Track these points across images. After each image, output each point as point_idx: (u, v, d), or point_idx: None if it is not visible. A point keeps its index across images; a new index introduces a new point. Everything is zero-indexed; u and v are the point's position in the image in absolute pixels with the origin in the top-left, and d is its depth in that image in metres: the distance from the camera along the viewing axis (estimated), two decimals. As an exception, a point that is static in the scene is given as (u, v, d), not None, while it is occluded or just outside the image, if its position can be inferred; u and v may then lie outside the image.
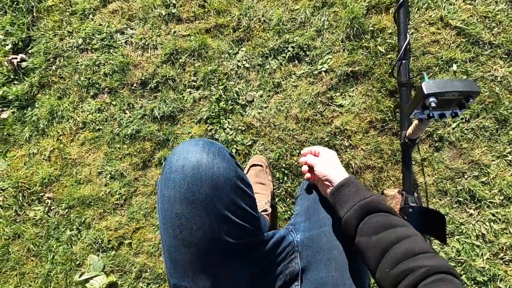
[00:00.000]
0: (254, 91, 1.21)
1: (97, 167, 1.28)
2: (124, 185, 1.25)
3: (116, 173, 1.26)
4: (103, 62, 1.31)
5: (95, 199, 1.26)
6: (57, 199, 1.29)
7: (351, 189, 0.64)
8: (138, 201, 1.25)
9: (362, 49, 1.16)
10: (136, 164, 1.26)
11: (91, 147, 1.30)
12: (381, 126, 1.14)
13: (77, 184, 1.28)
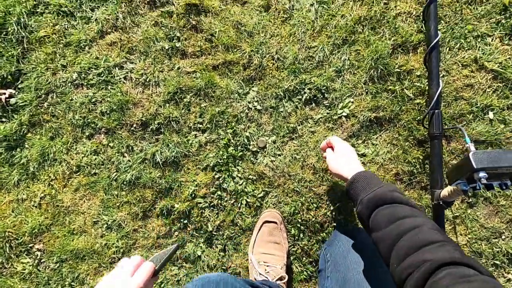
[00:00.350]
0: (267, 136, 1.10)
1: (92, 216, 1.16)
2: (122, 237, 1.14)
3: (113, 223, 1.14)
4: (100, 100, 1.19)
5: (90, 252, 1.14)
6: (47, 251, 1.17)
7: (361, 184, 0.65)
8: (137, 255, 1.13)
9: (387, 92, 1.05)
10: (135, 213, 1.14)
11: (86, 194, 1.18)
12: (408, 179, 1.03)
13: (70, 235, 1.16)
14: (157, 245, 1.13)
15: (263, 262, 0.98)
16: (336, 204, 1.04)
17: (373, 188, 0.64)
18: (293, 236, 1.06)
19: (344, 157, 0.77)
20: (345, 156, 0.77)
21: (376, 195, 0.62)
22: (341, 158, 0.77)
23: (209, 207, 1.11)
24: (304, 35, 1.09)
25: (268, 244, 1.01)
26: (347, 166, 0.74)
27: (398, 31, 1.04)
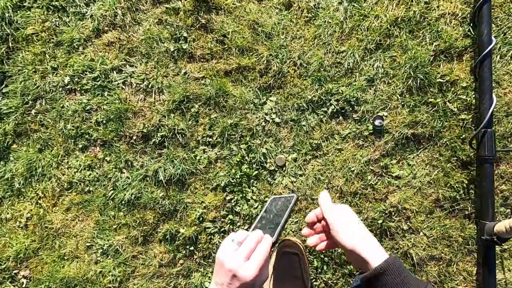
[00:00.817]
0: (286, 153, 0.96)
1: (86, 239, 1.02)
2: (119, 264, 1.00)
3: (109, 248, 1.01)
4: (95, 107, 1.05)
5: (83, 280, 1.01)
6: (34, 278, 1.03)
7: (395, 279, 0.49)
8: (137, 285, 1.00)
9: (427, 106, 0.91)
10: (134, 238, 1.00)
11: (79, 214, 1.04)
12: (450, 206, 0.89)
13: (60, 261, 1.03)
14: (159, 274, 0.99)
15: (283, 301, 0.84)
16: (366, 234, 0.90)
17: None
18: (316, 268, 0.92)
19: (358, 228, 0.55)
20: (358, 228, 0.55)
21: None
22: (354, 230, 0.54)
23: (219, 232, 0.97)
24: (331, 38, 0.95)
25: (288, 277, 0.87)
26: (368, 241, 0.53)
27: (441, 35, 0.90)
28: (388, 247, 0.90)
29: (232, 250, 0.50)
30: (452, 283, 0.88)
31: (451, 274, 0.89)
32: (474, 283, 0.88)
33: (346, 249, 0.53)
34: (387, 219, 0.90)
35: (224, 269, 0.48)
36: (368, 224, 0.90)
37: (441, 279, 0.89)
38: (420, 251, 0.88)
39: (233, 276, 0.48)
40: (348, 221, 0.55)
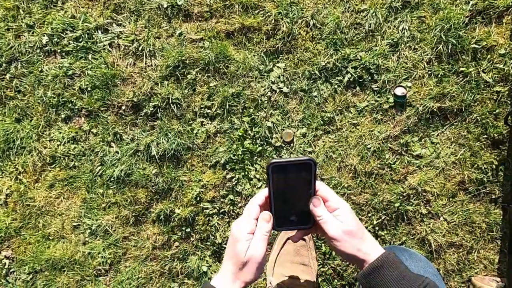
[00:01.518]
0: (294, 127, 0.85)
1: (72, 218, 0.94)
2: (109, 246, 0.92)
3: (98, 229, 0.92)
4: (78, 73, 0.92)
5: (70, 262, 0.93)
6: (17, 259, 0.95)
7: (392, 273, 0.49)
8: (128, 267, 0.92)
9: (457, 75, 0.80)
10: (125, 218, 0.92)
11: (64, 191, 0.94)
12: (475, 190, 0.80)
13: (45, 241, 0.94)
14: (152, 257, 0.92)
15: (287, 289, 0.77)
16: (380, 217, 0.82)
17: (417, 285, 0.47)
18: (324, 254, 0.85)
19: (355, 219, 0.53)
20: (355, 220, 0.52)
21: None
22: (350, 217, 0.52)
23: (218, 214, 0.89)
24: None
25: (294, 266, 0.80)
26: (366, 235, 0.52)
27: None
28: (403, 233, 0.82)
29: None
30: (471, 271, 0.81)
31: (471, 262, 0.81)
32: (495, 272, 0.81)
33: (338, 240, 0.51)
34: (404, 202, 0.81)
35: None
36: (383, 207, 0.82)
37: (460, 267, 0.81)
38: (439, 237, 0.80)
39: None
40: (349, 213, 0.52)
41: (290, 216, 0.54)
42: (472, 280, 0.80)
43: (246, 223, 0.50)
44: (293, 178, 0.50)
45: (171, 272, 0.90)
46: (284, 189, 0.51)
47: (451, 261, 0.81)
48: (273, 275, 0.81)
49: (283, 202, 0.52)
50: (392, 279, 0.48)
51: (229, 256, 0.51)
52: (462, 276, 0.81)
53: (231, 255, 0.50)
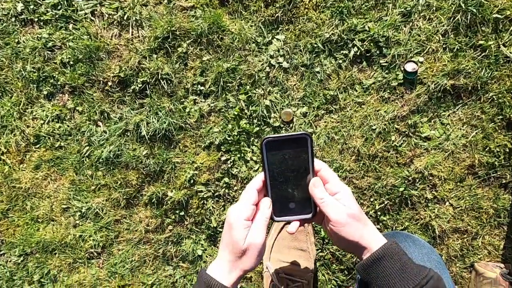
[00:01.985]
0: (294, 106, 0.79)
1: (61, 201, 0.90)
2: (100, 228, 0.89)
3: (88, 211, 0.89)
4: (59, 45, 0.84)
5: (61, 245, 0.90)
6: (6, 242, 0.92)
7: (394, 265, 0.46)
8: (121, 250, 0.89)
9: (474, 50, 0.72)
10: (116, 200, 0.88)
11: (50, 172, 0.90)
12: (485, 174, 0.76)
13: (34, 223, 0.91)
14: (145, 240, 0.89)
15: (285, 274, 0.75)
16: (383, 202, 0.78)
17: (420, 277, 0.44)
18: (322, 239, 0.82)
19: (357, 204, 0.49)
20: (357, 204, 0.49)
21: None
22: (353, 201, 0.48)
23: (213, 197, 0.85)
24: (360, -46, 0.72)
25: (291, 251, 0.77)
26: (369, 224, 0.49)
27: (508, -48, 0.68)
28: (406, 218, 0.78)
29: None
30: (475, 257, 0.79)
31: (475, 248, 0.78)
32: (499, 258, 0.78)
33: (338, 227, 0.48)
34: (409, 186, 0.77)
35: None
36: (386, 191, 0.77)
37: (463, 253, 0.79)
38: (444, 223, 0.77)
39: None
40: (352, 200, 0.49)
41: (289, 203, 0.49)
42: (475, 266, 0.77)
43: (243, 209, 0.47)
44: (289, 157, 0.46)
45: (165, 255, 0.88)
46: (280, 169, 0.47)
47: (455, 247, 0.78)
48: (270, 260, 0.78)
49: (281, 185, 0.48)
50: (393, 271, 0.46)
51: (226, 244, 0.48)
52: (464, 262, 0.79)
53: (228, 242, 0.47)
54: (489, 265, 0.76)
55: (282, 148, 0.45)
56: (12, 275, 0.92)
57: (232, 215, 0.47)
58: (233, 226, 0.47)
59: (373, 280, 0.47)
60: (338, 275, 0.82)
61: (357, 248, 0.48)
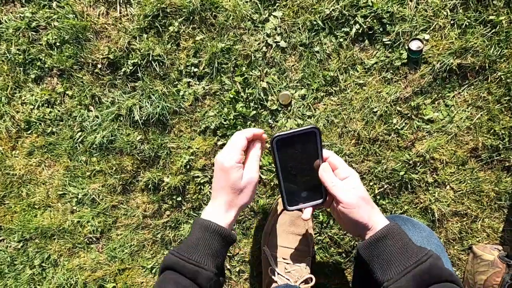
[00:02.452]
0: (292, 88, 0.76)
1: (57, 187, 0.89)
2: (98, 214, 0.88)
3: (84, 198, 0.88)
4: (44, 25, 0.80)
5: (60, 230, 0.90)
6: (5, 228, 0.92)
7: (396, 244, 0.48)
8: (120, 235, 0.90)
9: (484, 26, 0.68)
10: (112, 186, 0.87)
11: (44, 159, 0.88)
12: (488, 157, 0.74)
13: (31, 210, 0.91)
14: (144, 225, 0.89)
15: (282, 259, 0.75)
16: (382, 186, 0.77)
17: (420, 255, 0.46)
18: (321, 223, 0.81)
19: (364, 189, 0.52)
20: (364, 189, 0.52)
21: (433, 267, 0.45)
22: (362, 191, 0.51)
23: (210, 182, 0.83)
24: None
25: (289, 236, 0.76)
26: (375, 208, 0.52)
27: None
28: (406, 202, 0.77)
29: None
30: (473, 240, 0.78)
31: (474, 230, 0.78)
32: (498, 240, 0.78)
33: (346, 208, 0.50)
34: (410, 170, 0.75)
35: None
36: (386, 175, 0.76)
37: (462, 236, 0.78)
38: (444, 206, 0.76)
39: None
40: (358, 182, 0.52)
41: (301, 193, 0.52)
42: (473, 248, 0.77)
43: (234, 154, 0.50)
44: (299, 150, 0.48)
45: (163, 240, 0.88)
46: (291, 163, 0.49)
47: (453, 230, 0.78)
48: (267, 245, 0.78)
49: (293, 178, 0.50)
50: (395, 250, 0.47)
51: (222, 187, 0.51)
52: (463, 244, 0.79)
53: (224, 185, 0.51)
54: (487, 248, 0.76)
55: (292, 143, 0.48)
56: (13, 260, 0.93)
57: (225, 160, 0.50)
58: (229, 170, 0.50)
59: (374, 258, 0.49)
60: (336, 258, 0.83)
61: (363, 229, 0.50)
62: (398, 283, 0.45)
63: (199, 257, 0.48)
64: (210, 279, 0.48)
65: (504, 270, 0.72)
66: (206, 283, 0.47)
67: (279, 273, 0.73)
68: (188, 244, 0.50)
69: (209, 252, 0.49)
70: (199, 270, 0.47)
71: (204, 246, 0.49)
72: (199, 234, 0.49)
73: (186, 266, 0.47)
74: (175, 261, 0.48)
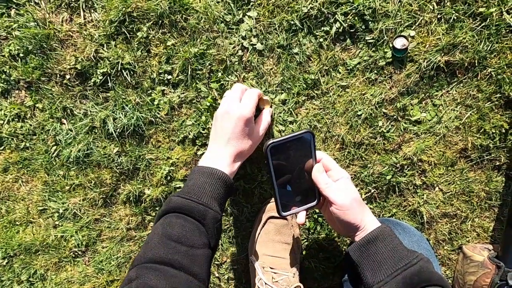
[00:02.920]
0: (272, 93, 0.72)
1: (36, 203, 0.86)
2: (81, 228, 0.86)
3: (66, 212, 0.86)
4: (4, 34, 0.75)
5: (44, 246, 0.88)
6: (-12, 245, 0.91)
7: (387, 246, 0.48)
8: (106, 248, 0.88)
9: (473, 19, 0.63)
10: (93, 200, 0.84)
11: (20, 175, 0.85)
12: (478, 157, 0.71)
13: (12, 226, 0.88)
14: (128, 238, 0.87)
15: (270, 268, 0.73)
16: (369, 191, 0.74)
17: (410, 258, 0.46)
18: (308, 229, 0.79)
19: (356, 191, 0.54)
20: (356, 191, 0.54)
21: (423, 270, 0.45)
22: (353, 186, 0.53)
23: (192, 192, 0.80)
24: None
25: (275, 245, 0.75)
26: (366, 209, 0.53)
27: None
28: (394, 205, 0.75)
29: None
30: (463, 240, 0.77)
31: (463, 231, 0.76)
32: (488, 239, 0.77)
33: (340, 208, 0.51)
34: (397, 173, 0.73)
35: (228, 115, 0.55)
36: (373, 180, 0.73)
37: (451, 237, 0.77)
38: (433, 208, 0.74)
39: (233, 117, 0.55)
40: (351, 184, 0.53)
41: (295, 197, 0.52)
42: (463, 248, 0.76)
43: (252, 107, 0.56)
44: (294, 155, 0.48)
45: (150, 251, 0.86)
46: (286, 170, 0.49)
47: (443, 231, 0.76)
48: (254, 255, 0.76)
49: (287, 183, 0.50)
50: (385, 251, 0.48)
51: (237, 136, 0.54)
52: (453, 245, 0.77)
53: (239, 134, 0.54)
54: (477, 248, 0.75)
55: (286, 149, 0.47)
56: (0, 276, 0.92)
57: (245, 111, 0.54)
58: (250, 120, 0.55)
59: (364, 260, 0.49)
60: (324, 263, 0.81)
61: (354, 230, 0.50)
62: (388, 285, 0.45)
63: (207, 199, 0.49)
64: (217, 221, 0.49)
65: (493, 271, 0.71)
66: (212, 224, 0.48)
67: (266, 283, 0.72)
68: (192, 188, 0.50)
69: (215, 196, 0.50)
70: (207, 210, 0.48)
71: (211, 190, 0.50)
72: (205, 179, 0.50)
73: (196, 207, 0.48)
74: (184, 203, 0.48)
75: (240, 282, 0.85)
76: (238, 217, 0.80)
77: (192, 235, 0.46)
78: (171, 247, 0.44)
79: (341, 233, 0.66)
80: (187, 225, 0.46)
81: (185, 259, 0.44)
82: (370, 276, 0.48)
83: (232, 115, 0.54)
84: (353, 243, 0.51)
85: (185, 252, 0.44)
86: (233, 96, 0.57)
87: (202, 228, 0.47)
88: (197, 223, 0.47)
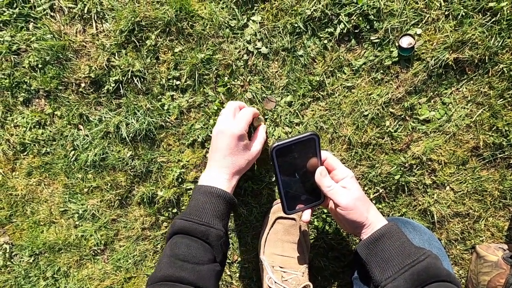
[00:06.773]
0: (277, 95, 0.72)
1: (58, 204, 0.91)
2: (99, 228, 0.91)
3: (85, 213, 0.90)
4: (24, 47, 0.79)
5: (66, 244, 0.94)
6: (16, 244, 0.97)
7: (394, 243, 0.48)
8: (123, 246, 0.92)
9: (483, 15, 0.62)
10: (109, 201, 0.88)
11: (43, 178, 0.90)
12: (490, 155, 0.69)
13: (37, 226, 0.94)
14: (143, 237, 0.91)
15: (279, 267, 0.75)
16: (377, 191, 0.74)
17: (418, 255, 0.46)
18: (316, 228, 0.80)
19: (360, 187, 0.54)
20: (360, 187, 0.54)
21: (430, 267, 0.45)
22: (360, 192, 0.53)
23: (203, 194, 0.83)
24: None
25: (284, 244, 0.76)
26: (372, 207, 0.54)
27: None
28: (403, 204, 0.75)
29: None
30: (476, 240, 0.75)
31: (477, 230, 0.75)
32: (503, 239, 0.75)
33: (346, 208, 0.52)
34: (406, 173, 0.72)
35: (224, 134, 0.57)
36: (381, 180, 0.73)
37: (464, 236, 0.75)
38: (444, 208, 0.73)
39: (227, 135, 0.56)
40: (356, 184, 0.54)
41: (301, 196, 0.53)
42: (476, 248, 0.74)
43: (244, 124, 0.57)
44: (299, 157, 0.49)
45: (164, 250, 0.90)
46: (291, 171, 0.50)
47: (455, 231, 0.75)
48: (264, 254, 0.78)
49: (292, 183, 0.51)
50: (393, 248, 0.48)
51: (231, 152, 0.55)
52: (465, 245, 0.76)
53: (234, 151, 0.56)
54: (491, 247, 0.73)
55: (292, 151, 0.48)
56: (27, 273, 0.98)
57: (240, 129, 0.56)
58: (244, 136, 0.56)
59: (372, 257, 0.49)
60: (334, 262, 0.82)
61: (360, 228, 0.51)
62: (396, 281, 0.45)
63: (208, 218, 0.51)
64: (220, 238, 0.52)
65: (508, 271, 0.69)
66: (216, 241, 0.51)
67: (276, 282, 0.73)
68: (194, 208, 0.53)
69: (216, 214, 0.52)
70: (209, 230, 0.51)
71: (211, 208, 0.52)
72: (205, 198, 0.53)
73: (197, 227, 0.50)
74: (186, 225, 0.51)
75: (251, 280, 0.87)
76: (247, 217, 0.82)
77: (197, 253, 0.49)
78: (178, 266, 0.48)
79: (348, 231, 0.67)
80: (192, 244, 0.49)
81: (192, 275, 0.47)
82: (378, 273, 0.48)
83: (225, 133, 0.56)
84: (361, 241, 0.52)
85: (191, 269, 0.48)
86: (226, 114, 0.59)
87: (207, 246, 0.50)
88: (201, 241, 0.50)
